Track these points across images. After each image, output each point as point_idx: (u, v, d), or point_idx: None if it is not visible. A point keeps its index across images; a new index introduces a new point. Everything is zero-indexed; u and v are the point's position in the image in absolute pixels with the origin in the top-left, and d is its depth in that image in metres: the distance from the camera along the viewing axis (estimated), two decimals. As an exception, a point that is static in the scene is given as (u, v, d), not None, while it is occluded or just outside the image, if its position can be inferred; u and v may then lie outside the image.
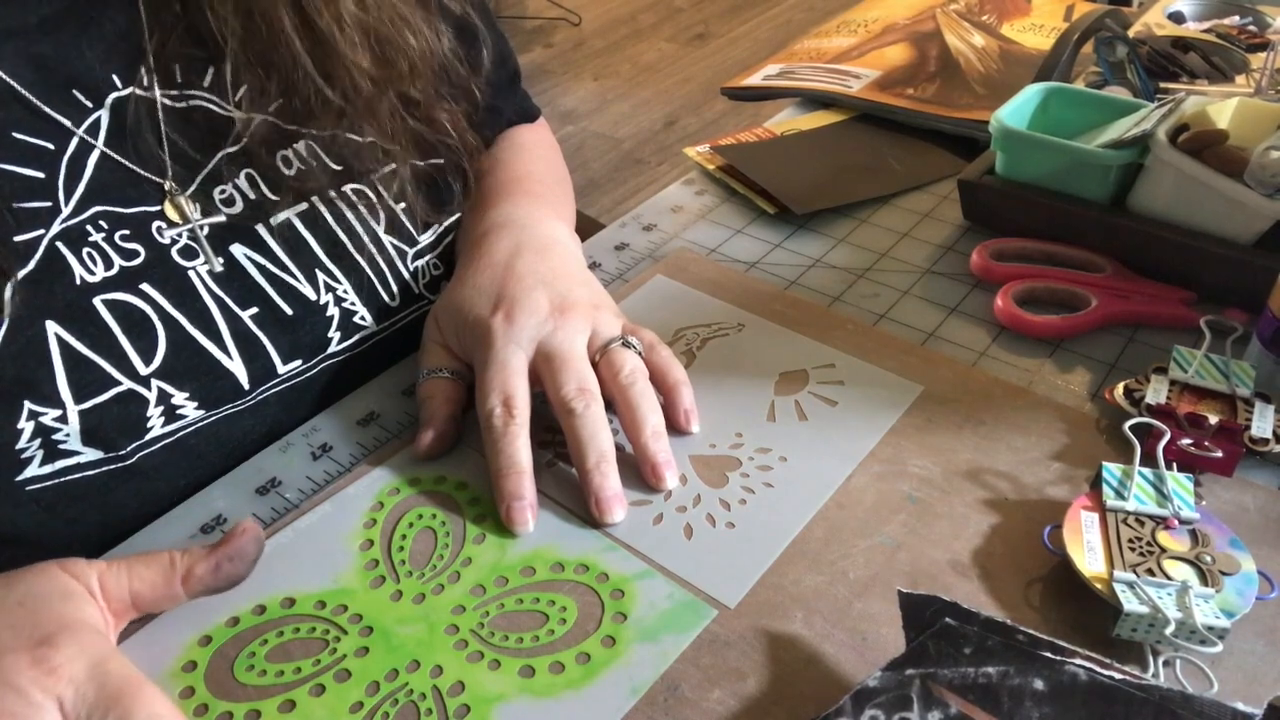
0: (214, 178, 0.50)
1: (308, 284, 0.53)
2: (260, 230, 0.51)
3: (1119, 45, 0.74)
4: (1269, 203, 0.53)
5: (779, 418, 0.50)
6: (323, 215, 0.54)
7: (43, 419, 0.44)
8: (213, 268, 0.49)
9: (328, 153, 0.53)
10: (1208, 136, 0.57)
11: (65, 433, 0.45)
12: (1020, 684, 0.32)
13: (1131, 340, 0.55)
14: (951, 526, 0.44)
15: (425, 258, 0.59)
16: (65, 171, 0.45)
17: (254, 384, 0.51)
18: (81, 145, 0.46)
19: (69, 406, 0.45)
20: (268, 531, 0.45)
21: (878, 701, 0.33)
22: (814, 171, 0.71)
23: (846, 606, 0.41)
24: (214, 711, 0.38)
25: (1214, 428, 0.46)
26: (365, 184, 0.55)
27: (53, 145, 0.45)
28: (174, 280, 0.48)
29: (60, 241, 0.44)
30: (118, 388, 0.46)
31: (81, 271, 0.45)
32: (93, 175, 0.46)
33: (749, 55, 2.96)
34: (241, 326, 0.51)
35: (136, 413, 0.47)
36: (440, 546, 0.44)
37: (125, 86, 0.47)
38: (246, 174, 0.51)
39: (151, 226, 0.48)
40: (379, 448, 0.50)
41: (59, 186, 0.44)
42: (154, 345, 0.47)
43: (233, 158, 0.50)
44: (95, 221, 0.46)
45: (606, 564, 0.43)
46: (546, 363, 0.48)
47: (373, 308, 0.56)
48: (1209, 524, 0.42)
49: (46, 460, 0.45)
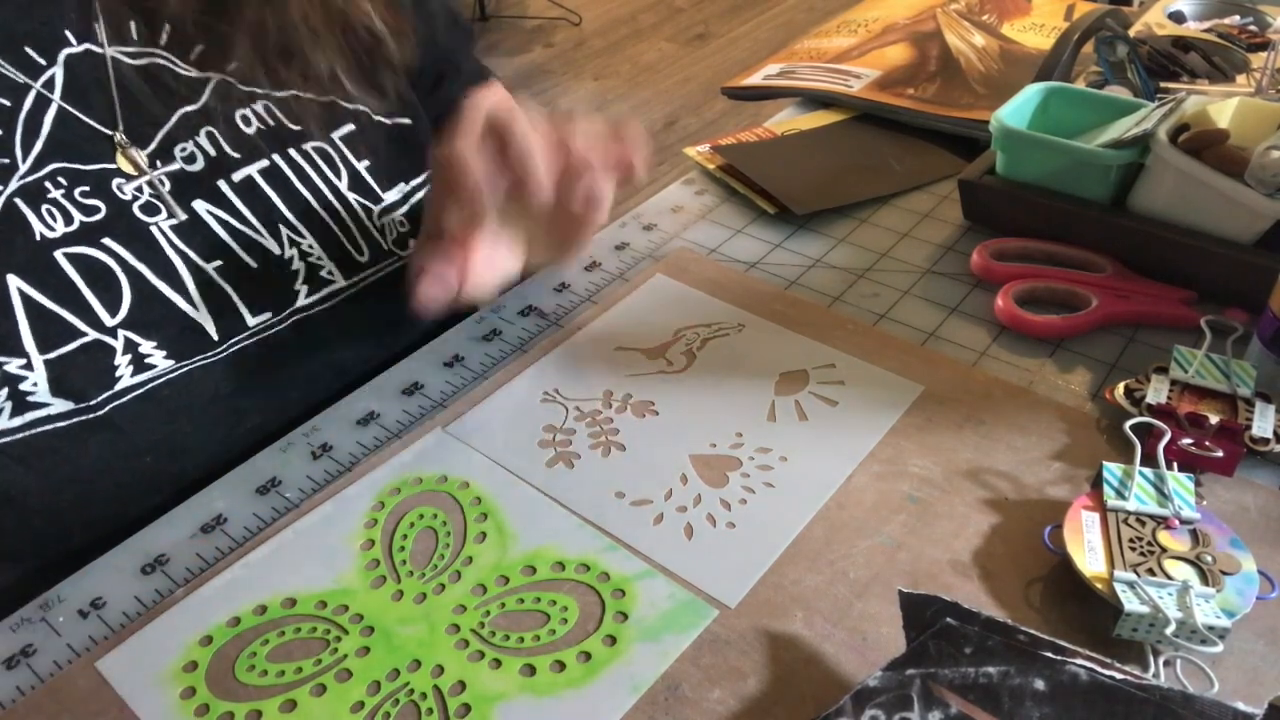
0: (174, 135, 0.51)
1: (271, 239, 0.54)
2: (222, 186, 0.52)
3: (1119, 45, 0.74)
4: (1269, 202, 0.53)
5: (779, 417, 0.50)
6: (283, 172, 0.54)
7: (7, 367, 0.44)
8: (176, 218, 0.50)
9: (286, 114, 0.54)
10: (1208, 136, 0.57)
11: (32, 381, 0.45)
12: (1021, 684, 0.32)
13: (1132, 340, 0.55)
14: (952, 526, 0.44)
15: (392, 214, 0.59)
16: (22, 129, 0.45)
17: (223, 335, 0.51)
18: (38, 101, 0.46)
19: (34, 356, 0.45)
20: (268, 532, 0.45)
21: (878, 701, 0.33)
22: (814, 171, 0.71)
23: (846, 606, 0.41)
24: (215, 711, 0.38)
25: (1215, 427, 0.46)
26: (326, 142, 0.56)
27: (8, 102, 0.45)
28: (137, 235, 0.49)
29: (19, 198, 0.45)
30: (83, 338, 0.46)
31: (41, 228, 0.45)
32: (50, 132, 0.46)
33: (749, 55, 2.96)
34: (206, 279, 0.51)
35: (104, 362, 0.47)
36: (441, 546, 0.44)
37: (79, 43, 0.48)
38: (206, 131, 0.52)
39: (112, 183, 0.48)
40: (379, 448, 0.50)
41: (16, 144, 0.45)
42: (119, 298, 0.47)
43: (191, 116, 0.51)
44: (54, 178, 0.46)
45: (607, 564, 0.43)
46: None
47: (341, 263, 0.56)
48: (1209, 524, 0.42)
49: (16, 412, 0.45)
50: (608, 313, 0.58)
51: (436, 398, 0.53)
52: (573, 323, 0.58)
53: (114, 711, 0.38)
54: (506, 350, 0.57)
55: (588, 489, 0.47)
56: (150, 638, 0.41)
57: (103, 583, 0.44)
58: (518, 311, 0.60)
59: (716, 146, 0.74)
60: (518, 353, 0.56)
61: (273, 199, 0.54)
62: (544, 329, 0.58)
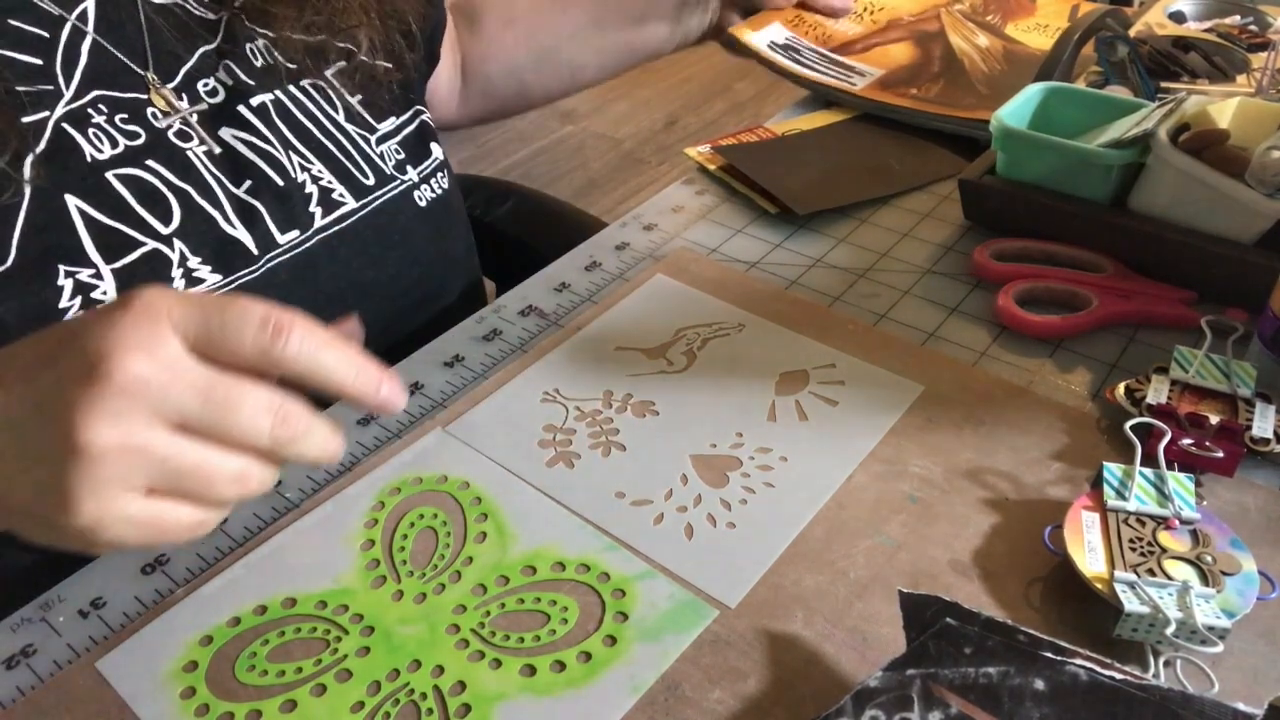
0: (197, 72, 0.54)
1: (287, 161, 0.57)
2: (243, 111, 0.55)
3: (1120, 45, 0.74)
4: (1270, 202, 0.53)
5: (779, 417, 0.50)
6: (286, 105, 0.58)
7: (79, 276, 0.47)
8: (210, 149, 0.53)
9: (282, 52, 0.58)
10: (1209, 136, 0.57)
11: (102, 290, 0.47)
12: (1021, 684, 0.32)
13: (1132, 340, 0.55)
14: (952, 526, 0.44)
15: (387, 143, 0.63)
16: (62, 57, 0.48)
17: (261, 250, 0.54)
18: (74, 33, 0.49)
19: (101, 266, 0.47)
20: (268, 532, 0.45)
21: (878, 701, 0.33)
22: (814, 171, 0.71)
23: (846, 606, 0.41)
24: (215, 711, 0.38)
25: (1215, 428, 0.46)
26: (320, 78, 0.60)
27: (46, 34, 0.48)
28: (175, 158, 0.52)
29: (66, 123, 0.47)
30: (143, 248, 0.49)
31: (91, 150, 0.48)
32: (87, 62, 0.49)
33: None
34: (238, 198, 0.54)
35: (163, 273, 0.50)
36: (441, 546, 0.44)
37: None
38: (224, 65, 0.55)
39: (146, 111, 0.51)
40: (379, 448, 0.50)
41: (57, 71, 0.47)
42: (169, 211, 0.50)
43: (209, 55, 0.55)
44: (95, 104, 0.49)
45: (607, 564, 0.43)
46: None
47: (349, 185, 0.59)
48: (1210, 524, 0.42)
49: None
50: (608, 313, 0.58)
51: (436, 398, 0.53)
52: (573, 323, 0.58)
53: (114, 711, 0.38)
54: (506, 350, 0.57)
55: (588, 489, 0.47)
56: (150, 638, 0.41)
57: (103, 583, 0.44)
58: (518, 311, 0.60)
59: (717, 146, 0.74)
60: (518, 353, 0.56)
61: (282, 128, 0.57)
62: (544, 329, 0.58)
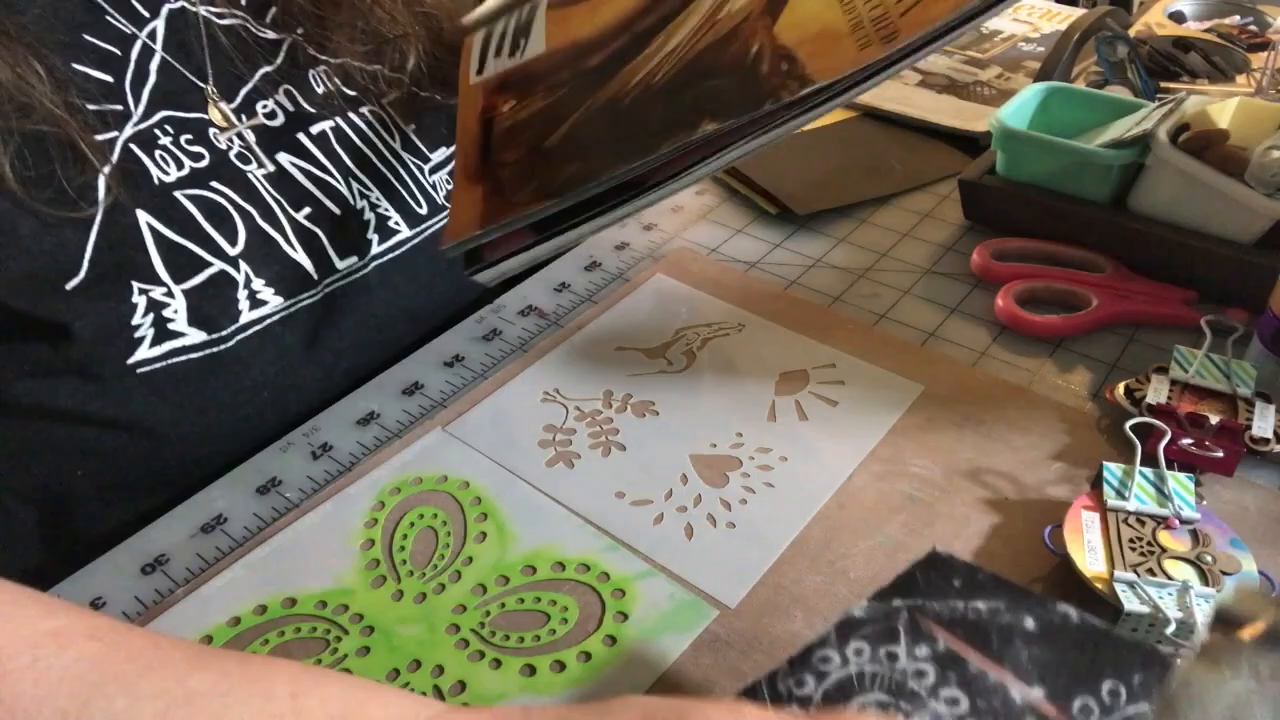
0: (257, 94, 0.54)
1: (345, 189, 0.57)
2: (302, 139, 0.56)
3: (1119, 45, 0.74)
4: (1270, 202, 0.53)
5: (779, 418, 0.50)
6: (346, 133, 0.58)
7: (152, 294, 0.47)
8: (265, 169, 0.53)
9: (343, 80, 0.58)
10: (1208, 136, 0.57)
11: (173, 309, 0.48)
12: (1010, 622, 0.31)
13: (1132, 340, 0.55)
14: (952, 526, 0.44)
15: (439, 173, 0.63)
16: (132, 75, 0.48)
17: (320, 275, 0.55)
18: (144, 51, 0.49)
19: (172, 285, 0.48)
20: (268, 532, 0.45)
21: (863, 633, 0.32)
22: (814, 171, 0.71)
23: (846, 606, 0.41)
24: (215, 711, 0.38)
25: (1215, 427, 0.46)
26: (378, 106, 0.60)
27: (119, 51, 0.48)
28: (238, 181, 0.52)
29: (134, 144, 0.47)
30: (210, 269, 0.49)
31: (157, 172, 0.48)
32: (155, 81, 0.49)
33: (749, 55, 2.95)
34: (299, 222, 0.54)
35: (230, 294, 0.50)
36: (441, 546, 0.44)
37: (175, 1, 0.50)
38: (285, 90, 0.55)
39: (209, 132, 0.51)
40: (379, 447, 0.50)
41: (127, 90, 0.48)
42: (235, 231, 0.50)
43: (270, 75, 0.55)
44: (162, 126, 0.49)
45: (608, 564, 0.43)
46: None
47: (404, 214, 0.60)
48: (1210, 524, 0.42)
49: (156, 341, 0.48)
50: (608, 313, 0.58)
51: (436, 397, 0.53)
52: (573, 323, 0.58)
53: (114, 711, 0.38)
54: (506, 350, 0.57)
55: (588, 489, 0.47)
56: (150, 638, 0.41)
57: (103, 583, 0.44)
58: (518, 311, 0.60)
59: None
60: (518, 353, 0.56)
61: (342, 155, 0.58)
62: (544, 329, 0.58)
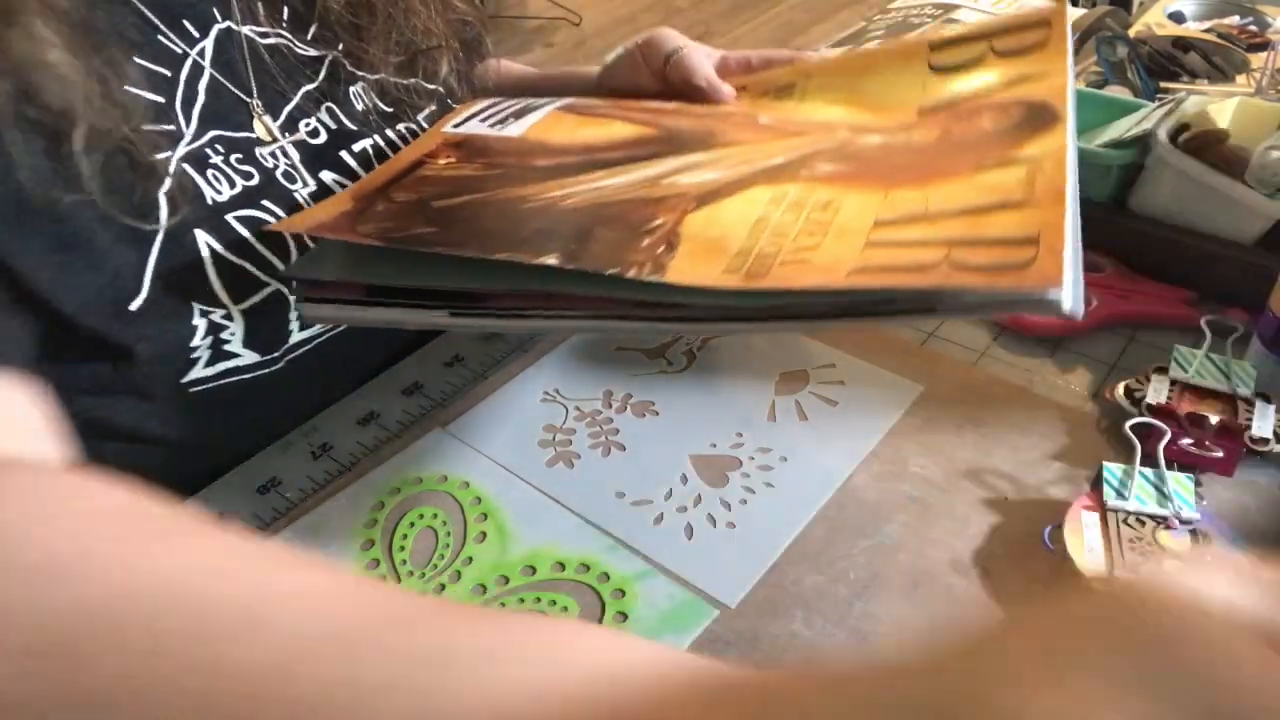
0: (300, 112, 0.54)
1: None
2: (344, 156, 0.55)
3: (1119, 45, 0.74)
4: (1269, 202, 0.53)
5: (779, 417, 0.50)
6: (385, 150, 0.58)
7: (213, 316, 0.47)
8: (310, 187, 0.53)
9: (380, 96, 0.58)
10: (1208, 136, 0.57)
11: (231, 331, 0.48)
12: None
13: (1132, 340, 0.55)
14: (952, 526, 0.44)
15: None
16: (182, 96, 0.48)
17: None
18: (194, 70, 0.49)
19: (231, 306, 0.48)
20: (268, 532, 0.45)
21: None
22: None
23: (846, 606, 0.41)
24: (215, 711, 0.38)
25: (1215, 427, 0.46)
26: (414, 123, 0.60)
27: (169, 72, 0.48)
28: (286, 199, 0.52)
29: (187, 163, 0.47)
30: (267, 289, 0.49)
31: (211, 192, 0.48)
32: (205, 101, 0.49)
33: (749, 55, 2.96)
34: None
35: (283, 315, 0.50)
36: (441, 546, 0.44)
37: (222, 20, 0.51)
38: (326, 108, 0.55)
39: (256, 151, 0.51)
40: (379, 448, 0.50)
41: (178, 110, 0.48)
42: (286, 250, 0.50)
43: (311, 94, 0.54)
44: (213, 145, 0.49)
45: (608, 564, 0.43)
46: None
47: None
48: (1209, 524, 0.42)
49: (211, 362, 0.48)
50: (608, 313, 0.58)
51: (436, 398, 0.53)
52: (573, 323, 0.58)
53: (114, 711, 0.38)
54: (506, 350, 0.57)
55: (588, 489, 0.47)
56: (150, 637, 0.41)
57: (103, 583, 0.44)
58: (518, 311, 0.60)
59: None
60: (518, 353, 0.56)
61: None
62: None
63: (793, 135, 0.48)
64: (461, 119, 0.54)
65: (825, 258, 0.35)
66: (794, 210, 0.39)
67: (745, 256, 0.36)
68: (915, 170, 0.41)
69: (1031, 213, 0.34)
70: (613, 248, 0.37)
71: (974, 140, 0.42)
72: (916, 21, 0.96)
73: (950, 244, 0.33)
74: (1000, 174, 0.38)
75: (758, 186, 0.41)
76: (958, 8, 0.98)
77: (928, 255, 0.33)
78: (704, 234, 0.38)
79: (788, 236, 0.37)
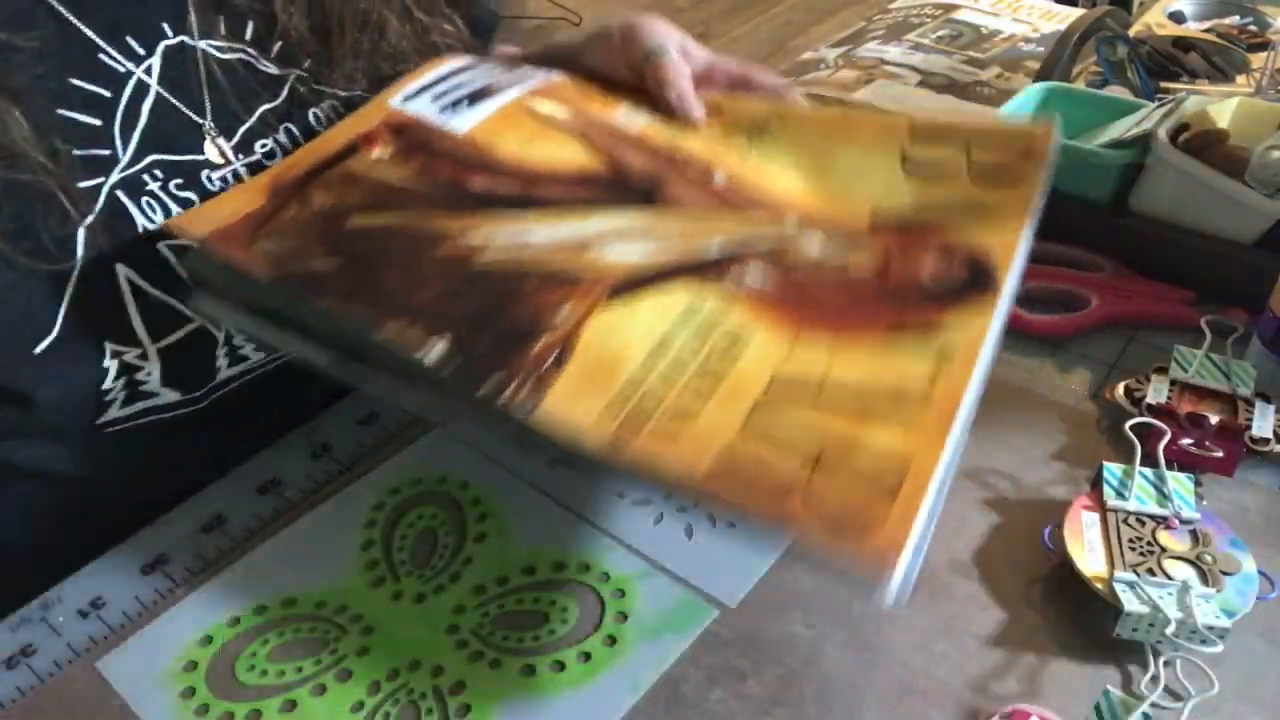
0: (256, 131, 0.51)
1: None
2: None
3: (1119, 45, 0.74)
4: (1270, 202, 0.53)
5: (779, 417, 0.50)
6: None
7: (125, 357, 0.45)
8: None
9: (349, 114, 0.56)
10: (1208, 136, 0.57)
11: (146, 371, 0.46)
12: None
13: (1132, 340, 0.55)
14: (952, 526, 0.44)
15: None
16: (121, 119, 0.46)
17: None
18: (137, 90, 0.46)
19: (148, 345, 0.46)
20: (268, 532, 0.45)
21: None
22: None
23: (847, 606, 0.41)
24: (215, 711, 0.38)
25: (1215, 427, 0.46)
26: None
27: (108, 93, 0.46)
28: None
29: (120, 190, 0.45)
30: (190, 325, 0.47)
31: (143, 220, 0.46)
32: (147, 122, 0.47)
33: (749, 55, 2.96)
34: None
35: (208, 351, 0.48)
36: (441, 546, 0.44)
37: (175, 35, 0.48)
38: (285, 128, 0.53)
39: (201, 175, 0.49)
40: (379, 448, 0.50)
41: (115, 134, 0.46)
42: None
43: (271, 113, 0.52)
44: (151, 170, 0.47)
45: (608, 564, 0.43)
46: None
47: None
48: (1209, 524, 0.42)
49: (127, 402, 0.46)
50: (608, 313, 0.58)
51: (436, 398, 0.53)
52: (573, 323, 0.58)
53: (114, 711, 0.38)
54: (506, 350, 0.57)
55: (588, 489, 0.47)
56: (150, 638, 0.41)
57: (103, 582, 0.44)
58: (518, 311, 0.60)
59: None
60: (518, 353, 0.56)
61: None
62: (544, 329, 0.58)
63: (740, 209, 0.46)
64: (415, 88, 0.51)
65: (699, 431, 0.34)
66: (699, 338, 0.38)
67: (626, 400, 0.35)
68: (835, 310, 0.40)
69: (911, 439, 0.34)
70: (505, 343, 0.36)
71: (906, 287, 0.41)
72: (916, 21, 0.97)
73: (816, 462, 0.33)
74: (913, 345, 0.37)
75: (679, 284, 0.40)
76: (958, 8, 0.98)
77: (790, 471, 0.33)
78: (602, 346, 0.37)
79: (676, 384, 0.36)
